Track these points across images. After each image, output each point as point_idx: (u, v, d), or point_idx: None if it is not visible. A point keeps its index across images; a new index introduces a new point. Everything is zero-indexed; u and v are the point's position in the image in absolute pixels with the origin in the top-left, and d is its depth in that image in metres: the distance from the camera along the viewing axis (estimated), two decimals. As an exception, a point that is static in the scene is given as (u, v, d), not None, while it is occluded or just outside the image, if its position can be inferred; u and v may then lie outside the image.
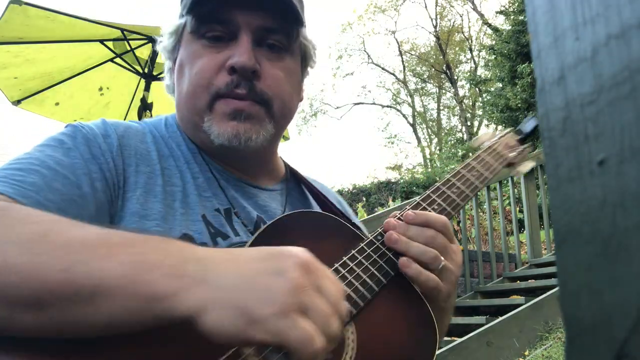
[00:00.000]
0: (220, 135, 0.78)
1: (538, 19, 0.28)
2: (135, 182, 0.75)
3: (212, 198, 0.81)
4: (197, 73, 0.78)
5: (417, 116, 24.38)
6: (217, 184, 0.82)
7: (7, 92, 4.17)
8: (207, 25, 0.79)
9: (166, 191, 0.77)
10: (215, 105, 0.78)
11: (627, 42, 0.23)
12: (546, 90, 0.27)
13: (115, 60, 4.35)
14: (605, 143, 0.24)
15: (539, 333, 3.69)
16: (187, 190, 0.79)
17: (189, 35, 0.81)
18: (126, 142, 0.78)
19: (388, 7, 23.58)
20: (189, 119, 0.82)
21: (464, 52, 23.64)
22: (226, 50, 0.78)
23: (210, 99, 0.78)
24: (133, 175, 0.76)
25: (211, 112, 0.78)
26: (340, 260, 0.73)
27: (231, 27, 0.78)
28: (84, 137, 0.75)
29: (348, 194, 13.05)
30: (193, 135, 0.84)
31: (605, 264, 0.23)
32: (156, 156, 0.80)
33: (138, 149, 0.79)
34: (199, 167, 0.83)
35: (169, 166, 0.80)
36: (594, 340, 0.24)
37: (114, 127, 0.79)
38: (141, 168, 0.77)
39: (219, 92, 0.77)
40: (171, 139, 0.84)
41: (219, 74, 0.78)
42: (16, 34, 3.67)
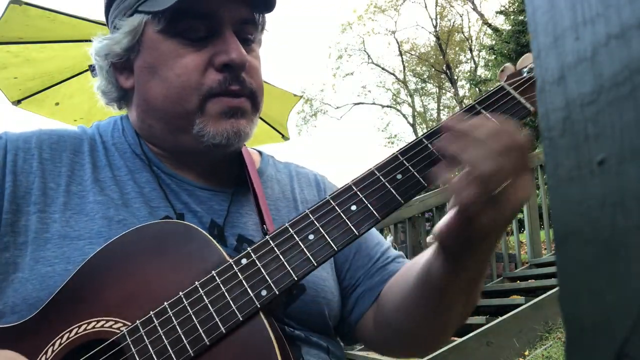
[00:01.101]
0: (217, 135, 0.74)
1: (538, 19, 0.28)
2: (64, 203, 0.72)
3: (160, 207, 0.76)
4: (180, 75, 0.73)
5: (417, 116, 24.37)
6: (168, 190, 0.78)
7: (7, 92, 4.17)
8: (183, 23, 0.73)
9: (99, 206, 0.73)
10: (207, 105, 0.74)
11: (627, 42, 0.23)
12: (546, 90, 0.27)
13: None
14: (605, 143, 0.24)
15: (539, 333, 3.69)
16: (126, 201, 0.75)
17: (156, 34, 0.74)
18: (56, 157, 0.76)
19: (388, 7, 23.58)
20: (168, 122, 0.77)
21: (464, 52, 23.64)
22: (209, 47, 0.74)
23: (201, 100, 0.74)
24: (63, 195, 0.73)
25: (203, 114, 0.74)
26: (175, 296, 0.59)
27: (212, 21, 0.74)
28: None
29: (348, 194, 13.04)
30: (167, 140, 0.79)
31: (605, 264, 0.23)
32: (90, 170, 0.77)
33: (70, 164, 0.76)
34: (148, 174, 0.78)
35: (103, 178, 0.76)
36: (594, 340, 0.24)
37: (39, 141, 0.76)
38: (72, 188, 0.74)
39: (212, 92, 0.74)
40: (115, 147, 0.81)
41: (207, 73, 0.74)
42: (16, 34, 3.67)
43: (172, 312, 0.58)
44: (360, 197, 0.62)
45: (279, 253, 0.59)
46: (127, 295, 0.61)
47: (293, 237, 0.60)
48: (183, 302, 0.58)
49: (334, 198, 0.62)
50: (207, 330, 0.56)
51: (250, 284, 0.58)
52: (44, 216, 0.71)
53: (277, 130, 4.92)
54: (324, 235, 0.59)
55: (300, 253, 0.59)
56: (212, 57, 0.73)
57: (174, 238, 0.64)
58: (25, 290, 0.66)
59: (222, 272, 0.60)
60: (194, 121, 0.74)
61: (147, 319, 0.58)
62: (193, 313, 0.57)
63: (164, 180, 0.79)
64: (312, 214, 0.61)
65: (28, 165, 0.74)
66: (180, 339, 0.57)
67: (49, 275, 0.67)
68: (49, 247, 0.69)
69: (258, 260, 0.59)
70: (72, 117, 4.68)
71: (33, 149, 0.76)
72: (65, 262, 0.68)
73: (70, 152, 0.78)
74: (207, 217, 0.79)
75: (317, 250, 0.59)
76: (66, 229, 0.70)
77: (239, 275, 0.59)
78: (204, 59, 0.74)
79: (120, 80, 0.80)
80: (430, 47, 24.06)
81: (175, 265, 0.62)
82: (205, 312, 0.57)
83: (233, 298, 0.57)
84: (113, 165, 0.78)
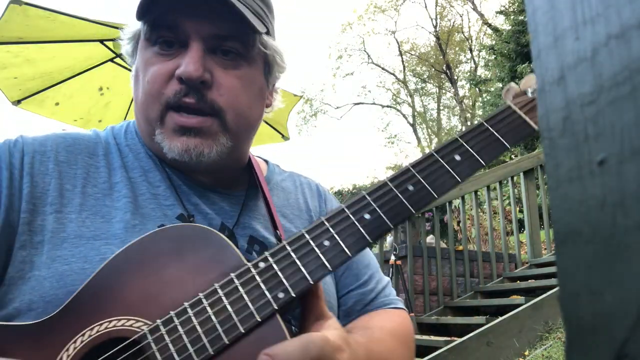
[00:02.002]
0: (170, 150, 0.75)
1: (538, 19, 0.28)
2: (81, 204, 0.73)
3: (174, 206, 0.78)
4: (149, 81, 0.75)
5: (417, 116, 24.37)
6: (179, 191, 0.80)
7: (7, 92, 4.17)
8: (157, 31, 0.75)
9: (116, 208, 0.74)
10: (166, 117, 0.75)
11: (627, 42, 0.23)
12: (546, 90, 0.27)
13: (115, 60, 4.35)
14: (605, 143, 0.24)
15: (539, 333, 3.69)
16: (139, 202, 0.76)
17: (144, 41, 0.78)
18: (72, 160, 0.77)
19: (388, 7, 23.58)
20: (144, 127, 0.80)
21: (464, 52, 23.64)
22: (177, 58, 0.75)
23: (161, 109, 0.75)
24: (79, 196, 0.74)
25: (162, 125, 0.76)
26: (195, 297, 0.61)
27: (180, 34, 0.74)
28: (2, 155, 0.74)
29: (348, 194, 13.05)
30: (149, 144, 0.82)
31: (605, 264, 0.23)
32: (105, 172, 0.78)
33: (85, 167, 0.77)
34: (160, 175, 0.80)
35: (118, 180, 0.78)
36: (594, 340, 0.24)
37: (55, 144, 0.78)
38: (88, 189, 0.75)
39: (169, 102, 0.74)
40: (128, 148, 0.83)
41: (170, 83, 0.74)
42: (16, 34, 3.67)
43: (192, 312, 0.60)
44: (374, 206, 0.65)
45: (295, 258, 0.62)
46: (147, 295, 0.62)
47: (309, 243, 0.63)
48: (203, 303, 0.60)
49: (349, 207, 0.66)
50: (227, 330, 0.58)
51: (268, 286, 0.60)
52: (60, 216, 0.72)
53: (277, 130, 4.92)
54: (339, 242, 0.62)
55: (316, 258, 0.62)
56: (174, 67, 0.74)
57: (193, 241, 0.66)
58: (43, 287, 0.67)
59: (241, 275, 0.62)
60: (155, 130, 0.76)
61: (168, 319, 0.60)
62: (213, 313, 0.59)
63: (175, 180, 0.81)
64: (328, 221, 0.64)
65: (44, 167, 0.75)
66: (200, 338, 0.58)
67: (67, 274, 0.67)
68: (66, 247, 0.70)
69: (275, 264, 0.62)
70: (72, 117, 4.68)
71: (49, 151, 0.77)
72: (83, 261, 0.68)
73: (86, 154, 0.79)
74: (218, 219, 0.81)
75: (333, 256, 0.62)
76: (82, 229, 0.71)
77: (257, 279, 0.61)
78: (170, 68, 0.74)
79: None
80: (430, 47, 24.06)
81: (194, 268, 0.64)
82: (225, 313, 0.59)
83: (251, 300, 0.60)
84: (127, 166, 0.80)
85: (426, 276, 5.13)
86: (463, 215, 5.36)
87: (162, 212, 0.77)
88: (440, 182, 0.68)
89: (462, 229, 5.41)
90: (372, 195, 0.67)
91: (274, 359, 0.55)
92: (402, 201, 0.66)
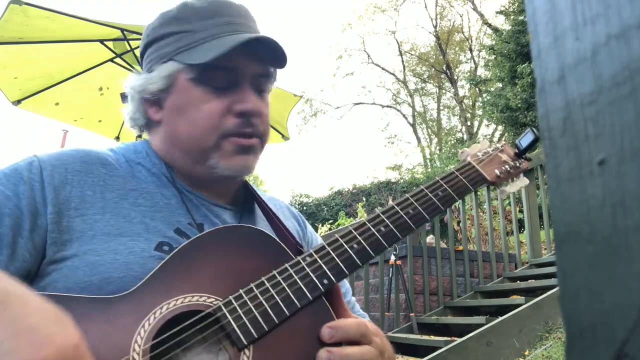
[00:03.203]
0: (228, 169, 0.89)
1: (538, 19, 0.28)
2: (102, 207, 0.81)
3: (185, 215, 0.87)
4: (204, 118, 0.87)
5: (417, 116, 24.38)
6: (190, 205, 0.90)
7: (7, 92, 4.17)
8: (210, 73, 0.87)
9: (135, 210, 0.83)
10: (223, 143, 0.88)
11: (627, 42, 0.23)
12: (546, 90, 0.27)
13: (115, 60, 4.36)
14: (605, 143, 0.24)
15: (539, 333, 3.70)
16: (156, 208, 0.85)
17: (187, 82, 0.88)
18: (88, 170, 0.84)
19: (388, 7, 23.59)
20: (188, 154, 0.90)
21: (464, 52, 23.65)
22: (229, 96, 0.88)
23: (217, 139, 0.87)
24: (100, 200, 0.82)
25: (218, 150, 0.88)
26: (258, 279, 0.76)
27: (234, 75, 0.88)
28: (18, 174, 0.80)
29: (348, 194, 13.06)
30: (186, 167, 0.91)
31: (605, 264, 0.23)
32: (120, 179, 0.86)
33: (101, 175, 0.85)
34: (172, 190, 0.90)
35: (134, 187, 0.86)
36: (594, 340, 0.24)
37: (69, 157, 0.85)
38: (107, 195, 0.83)
39: (228, 133, 0.87)
40: (140, 165, 0.91)
41: (226, 117, 0.87)
42: (16, 34, 3.67)
43: (257, 291, 0.75)
44: (387, 222, 0.86)
45: (334, 255, 0.81)
46: (216, 277, 0.76)
47: (343, 245, 0.82)
48: (265, 284, 0.76)
49: (369, 221, 0.86)
50: (287, 305, 0.75)
51: (316, 274, 0.78)
52: (85, 218, 0.79)
53: (277, 130, 4.93)
54: (365, 247, 0.83)
55: (349, 257, 0.82)
56: (230, 104, 0.88)
57: (251, 238, 0.82)
58: (77, 275, 0.74)
59: (293, 265, 0.79)
60: (210, 156, 0.88)
61: (238, 295, 0.74)
62: (275, 292, 0.75)
63: (186, 195, 0.91)
64: (355, 230, 0.85)
65: (63, 178, 0.82)
66: (267, 311, 0.73)
67: (99, 263, 0.75)
68: (95, 242, 0.77)
69: (319, 259, 0.80)
70: (72, 117, 4.69)
71: (65, 164, 0.84)
72: (113, 253, 0.77)
73: (99, 165, 0.87)
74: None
75: (361, 256, 0.82)
76: (108, 228, 0.79)
77: (306, 268, 0.79)
78: (225, 105, 0.88)
79: (150, 113, 0.93)
80: (430, 47, 24.06)
81: (253, 258, 0.80)
82: (284, 293, 0.76)
83: (304, 284, 0.77)
84: (141, 179, 0.89)
85: (426, 276, 5.13)
86: (463, 215, 5.37)
87: (176, 218, 0.86)
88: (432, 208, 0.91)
89: (462, 229, 5.41)
90: (385, 214, 0.87)
91: (336, 329, 0.73)
92: (406, 220, 0.87)
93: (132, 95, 0.94)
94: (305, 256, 0.80)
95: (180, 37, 0.89)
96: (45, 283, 0.75)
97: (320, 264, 0.80)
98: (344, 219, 8.43)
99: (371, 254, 0.83)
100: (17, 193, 0.79)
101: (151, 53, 0.92)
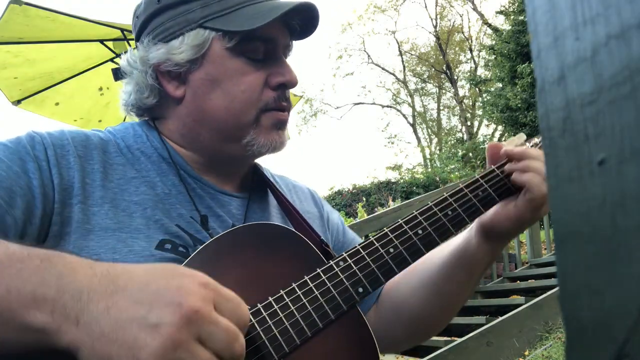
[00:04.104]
0: (265, 145, 0.83)
1: (538, 19, 0.28)
2: (102, 197, 0.74)
3: (187, 207, 0.80)
4: (244, 90, 0.80)
5: (417, 116, 24.36)
6: (193, 194, 0.82)
7: (7, 92, 4.17)
8: (250, 44, 0.81)
9: (135, 203, 0.76)
10: (262, 118, 0.82)
11: (627, 42, 0.23)
12: (546, 90, 0.27)
13: (115, 60, 4.35)
14: (605, 143, 0.24)
15: (539, 333, 3.69)
16: (157, 200, 0.78)
17: (224, 51, 0.80)
18: (88, 155, 0.78)
19: (388, 7, 23.57)
20: (220, 132, 0.82)
21: (464, 52, 23.63)
22: (267, 68, 0.82)
23: (257, 112, 0.82)
24: (99, 189, 0.75)
25: (257, 125, 0.82)
26: (289, 286, 0.70)
27: (271, 45, 0.83)
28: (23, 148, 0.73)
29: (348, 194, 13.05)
30: (210, 148, 0.84)
31: (605, 264, 0.23)
32: (120, 169, 0.79)
33: (101, 162, 0.78)
34: (174, 178, 0.82)
35: (134, 176, 0.79)
36: (594, 340, 0.24)
37: (71, 139, 0.78)
38: (106, 184, 0.76)
39: (267, 107, 0.82)
40: (140, 151, 0.83)
41: (264, 90, 0.82)
42: (16, 34, 3.67)
43: (288, 299, 0.68)
44: (425, 224, 0.79)
45: (369, 260, 0.74)
46: (243, 283, 0.68)
47: (378, 249, 0.76)
48: (297, 291, 0.69)
49: (406, 223, 0.79)
50: (320, 316, 0.68)
51: (350, 282, 0.72)
52: (84, 207, 0.73)
53: (277, 130, 4.92)
54: (401, 250, 0.76)
55: (385, 263, 0.75)
56: (268, 77, 0.82)
57: (278, 238, 0.75)
58: None
59: (326, 270, 0.72)
60: (248, 132, 0.82)
61: (268, 304, 0.67)
62: (307, 301, 0.68)
63: (190, 184, 0.83)
64: (391, 232, 0.78)
65: (66, 161, 0.75)
66: (299, 322, 0.67)
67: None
68: (92, 238, 0.71)
69: (354, 264, 0.74)
70: (72, 117, 4.68)
71: (67, 145, 0.77)
72: (112, 252, 0.70)
73: (100, 151, 0.80)
74: (229, 221, 0.84)
75: (399, 261, 0.75)
76: (106, 221, 0.73)
77: (340, 275, 0.72)
78: (262, 78, 0.82)
79: (169, 89, 0.83)
80: (430, 47, 24.05)
81: (282, 262, 0.73)
82: (317, 302, 0.69)
83: (337, 292, 0.70)
84: (141, 168, 0.81)
85: (426, 276, 5.12)
86: (463, 215, 5.35)
87: (177, 211, 0.79)
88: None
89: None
90: (422, 215, 0.80)
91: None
92: (444, 222, 0.80)
93: (142, 71, 0.83)
94: (338, 260, 0.74)
95: (207, 1, 0.80)
96: None
97: (354, 269, 0.73)
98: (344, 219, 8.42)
99: (408, 261, 0.76)
100: (26, 170, 0.71)
101: (165, 20, 0.81)
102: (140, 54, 0.83)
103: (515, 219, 0.81)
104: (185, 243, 0.76)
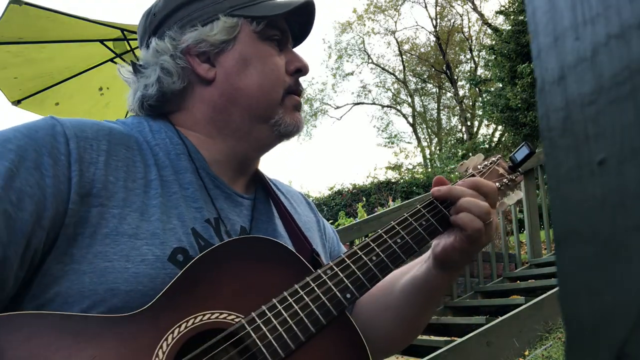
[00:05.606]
0: (290, 125, 0.89)
1: (538, 19, 0.28)
2: (124, 199, 0.72)
3: (203, 208, 0.81)
4: (273, 70, 0.88)
5: (417, 116, 24.36)
6: (207, 194, 0.83)
7: (7, 92, 4.17)
8: (273, 30, 0.89)
9: (154, 206, 0.75)
10: (286, 99, 0.89)
11: (627, 42, 0.23)
12: (546, 90, 0.27)
13: (115, 60, 4.35)
14: (605, 143, 0.24)
15: (539, 333, 3.69)
16: (172, 202, 0.77)
17: (253, 34, 0.87)
18: (112, 151, 0.75)
19: (388, 7, 23.58)
20: (253, 110, 0.87)
21: (464, 52, 23.63)
22: (283, 55, 0.90)
23: (283, 92, 0.89)
24: (122, 191, 0.73)
25: (283, 105, 0.88)
26: (280, 295, 0.73)
27: (285, 36, 0.91)
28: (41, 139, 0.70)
29: (348, 194, 13.05)
30: (242, 129, 0.87)
31: (605, 264, 0.23)
32: (142, 168, 0.77)
33: (125, 159, 0.76)
34: (191, 176, 0.82)
35: (153, 177, 0.78)
36: (594, 340, 0.24)
37: (94, 131, 0.76)
38: (129, 184, 0.74)
39: (289, 89, 0.89)
40: (158, 147, 0.82)
41: (286, 74, 0.90)
42: (16, 34, 3.67)
43: (281, 307, 0.71)
44: (402, 234, 0.85)
45: (354, 268, 0.79)
46: (235, 293, 0.72)
47: (362, 258, 0.80)
48: (288, 299, 0.72)
49: (385, 232, 0.84)
50: (312, 322, 0.71)
51: (338, 289, 0.76)
52: (103, 210, 0.70)
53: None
54: (383, 258, 0.81)
55: (369, 269, 0.79)
56: (286, 63, 0.90)
57: (265, 250, 0.78)
58: (82, 282, 0.66)
59: (315, 279, 0.76)
60: (277, 111, 0.88)
61: (262, 312, 0.70)
62: (299, 308, 0.72)
63: (207, 183, 0.84)
64: (373, 242, 0.83)
65: (88, 156, 0.72)
66: (292, 328, 0.70)
67: (108, 271, 0.67)
68: (107, 243, 0.69)
69: (340, 272, 0.78)
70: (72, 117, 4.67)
71: (91, 139, 0.74)
72: (125, 260, 0.68)
73: (123, 147, 0.77)
74: (238, 223, 0.86)
75: (381, 268, 0.80)
76: (124, 226, 0.70)
77: (328, 282, 0.76)
78: (284, 62, 0.90)
79: (200, 70, 0.86)
80: (430, 47, 24.04)
81: (273, 272, 0.77)
82: (308, 308, 0.72)
83: (327, 299, 0.74)
84: (159, 165, 0.80)
85: (426, 276, 5.12)
86: (463, 215, 5.35)
87: (192, 214, 0.79)
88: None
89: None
90: (400, 225, 0.86)
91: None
92: (419, 232, 0.86)
93: (172, 55, 0.85)
94: (326, 269, 0.78)
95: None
96: (47, 286, 0.67)
97: (341, 277, 0.77)
98: (344, 219, 8.42)
99: (390, 267, 0.81)
100: (40, 165, 0.67)
101: (193, 11, 0.86)
102: (168, 41, 0.86)
103: (460, 250, 0.85)
104: (196, 254, 0.74)
